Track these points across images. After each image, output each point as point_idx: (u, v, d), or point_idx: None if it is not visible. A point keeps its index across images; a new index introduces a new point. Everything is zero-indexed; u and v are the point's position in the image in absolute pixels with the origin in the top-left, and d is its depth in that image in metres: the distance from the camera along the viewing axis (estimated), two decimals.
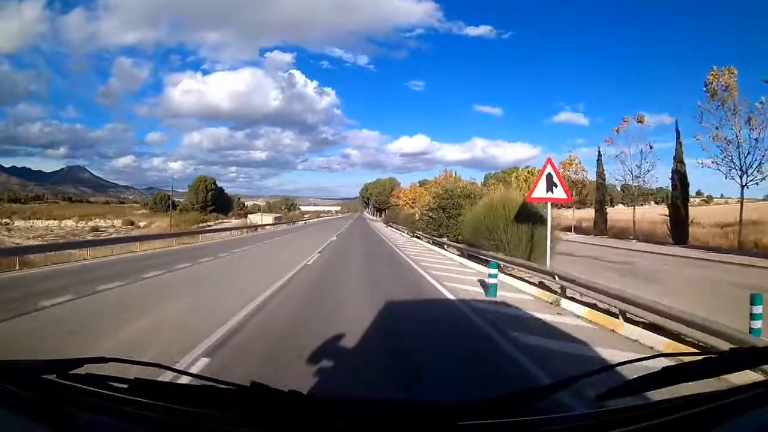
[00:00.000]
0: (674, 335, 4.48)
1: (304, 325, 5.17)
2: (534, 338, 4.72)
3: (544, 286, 7.73)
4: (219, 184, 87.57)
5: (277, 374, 3.43)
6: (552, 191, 7.96)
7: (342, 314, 5.77)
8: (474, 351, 4.36)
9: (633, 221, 25.02)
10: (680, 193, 21.29)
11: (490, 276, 7.21)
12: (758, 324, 4.34)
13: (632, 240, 22.78)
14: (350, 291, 7.68)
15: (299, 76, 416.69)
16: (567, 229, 26.82)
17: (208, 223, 59.34)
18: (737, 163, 18.05)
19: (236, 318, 5.35)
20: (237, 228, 33.05)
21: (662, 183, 24.37)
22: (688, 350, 4.21)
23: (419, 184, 57.02)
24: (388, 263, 12.60)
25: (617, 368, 1.01)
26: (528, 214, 10.92)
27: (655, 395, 0.84)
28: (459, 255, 14.12)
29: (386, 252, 16.99)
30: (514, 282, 8.54)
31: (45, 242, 25.41)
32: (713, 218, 25.74)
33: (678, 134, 21.54)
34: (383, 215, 76.08)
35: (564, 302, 6.49)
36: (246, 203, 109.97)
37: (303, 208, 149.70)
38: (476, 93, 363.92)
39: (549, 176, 8.00)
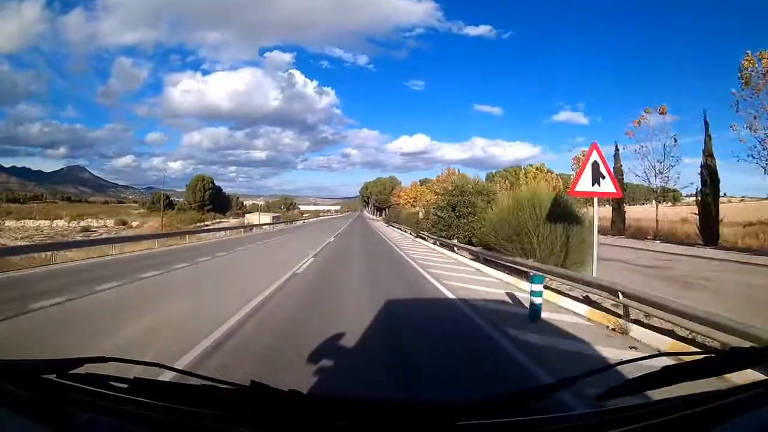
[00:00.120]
0: None
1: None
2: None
3: (592, 302, 6.40)
4: (218, 184, 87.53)
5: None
6: (599, 183, 6.59)
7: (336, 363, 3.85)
8: None
9: (656, 220, 23.87)
10: (710, 190, 19.54)
11: (534, 294, 5.66)
12: None
13: (655, 241, 20.90)
14: (348, 314, 5.61)
15: (299, 76, 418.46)
16: None
17: (206, 223, 58.82)
18: None
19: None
20: (232, 228, 31.87)
21: (684, 180, 23.31)
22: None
23: (420, 183, 55.04)
24: (393, 270, 10.71)
25: (617, 368, 1.01)
26: (561, 213, 9.42)
27: (655, 395, 0.83)
28: (473, 259, 12.62)
29: (385, 251, 16.52)
30: (551, 295, 6.87)
31: (32, 243, 24.66)
32: (731, 217, 23.54)
33: (707, 126, 19.99)
34: (383, 214, 75.75)
35: (633, 329, 4.96)
36: (245, 203, 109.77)
37: (303, 208, 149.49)
38: (476, 92, 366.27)
39: (595, 165, 6.63)
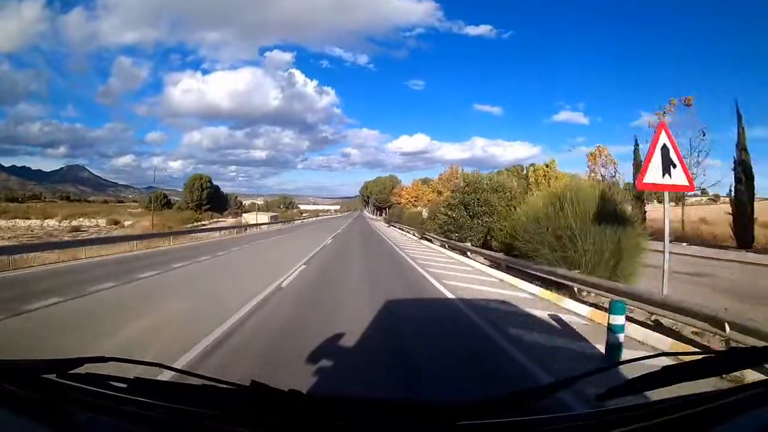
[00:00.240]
0: None
1: None
2: None
3: (663, 327, 5.08)
4: (218, 184, 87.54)
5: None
6: (669, 174, 5.23)
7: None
8: None
9: (682, 221, 22.05)
10: (745, 188, 17.70)
11: (614, 329, 3.86)
12: None
13: (681, 243, 18.35)
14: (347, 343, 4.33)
15: (299, 76, 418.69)
16: None
17: (202, 222, 58.08)
18: None
19: None
20: (226, 228, 31.29)
21: (710, 177, 21.76)
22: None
23: (422, 182, 53.71)
24: (401, 282, 8.74)
25: (617, 368, 1.01)
26: (609, 213, 7.70)
27: (655, 395, 0.83)
28: (491, 266, 10.95)
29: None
30: (597, 315, 5.55)
31: (17, 243, 23.93)
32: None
33: (739, 119, 18.13)
34: (384, 214, 75.46)
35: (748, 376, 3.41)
36: (244, 202, 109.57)
37: (303, 207, 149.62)
38: (476, 92, 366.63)
39: (664, 150, 5.25)
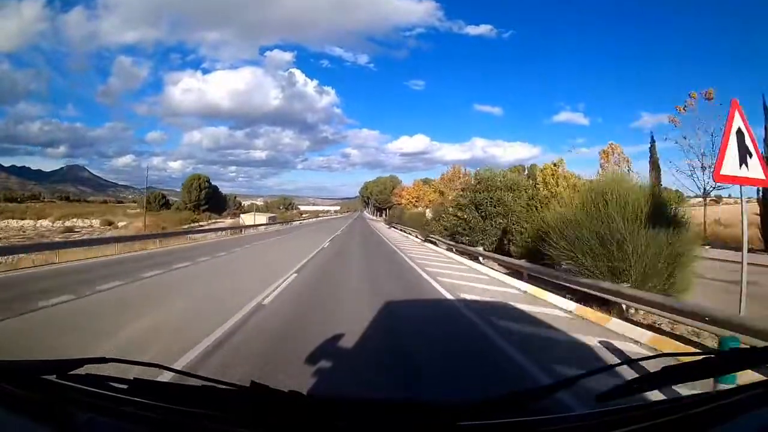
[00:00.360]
0: None
1: None
2: None
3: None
4: (218, 184, 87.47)
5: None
6: (746, 165, 4.45)
7: None
8: None
9: (704, 223, 19.86)
10: None
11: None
12: None
13: (704, 246, 15.01)
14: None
15: (299, 75, 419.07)
16: None
17: (199, 223, 57.62)
18: None
19: None
20: (222, 229, 30.81)
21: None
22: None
23: (423, 183, 52.91)
24: (410, 292, 7.65)
25: (617, 368, 1.01)
26: (660, 214, 6.42)
27: (655, 395, 0.83)
28: (509, 274, 9.66)
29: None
30: (660, 341, 4.48)
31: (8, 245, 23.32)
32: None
33: (766, 112, 16.88)
34: (384, 215, 75.24)
35: None
36: (244, 203, 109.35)
37: (303, 208, 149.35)
38: (476, 92, 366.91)
39: (740, 135, 4.46)
